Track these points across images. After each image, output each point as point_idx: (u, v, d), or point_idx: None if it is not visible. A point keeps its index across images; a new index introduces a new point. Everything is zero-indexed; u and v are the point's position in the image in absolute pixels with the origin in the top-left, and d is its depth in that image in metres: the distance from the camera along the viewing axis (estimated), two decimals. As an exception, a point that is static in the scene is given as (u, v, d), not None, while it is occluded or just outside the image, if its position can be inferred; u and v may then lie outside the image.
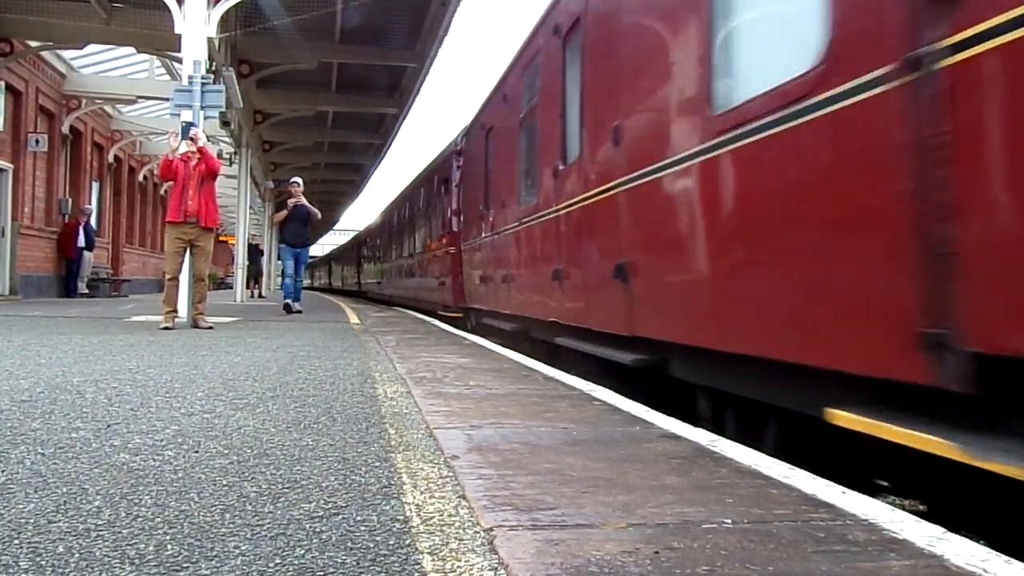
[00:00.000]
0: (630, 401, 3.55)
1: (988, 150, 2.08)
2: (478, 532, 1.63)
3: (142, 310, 10.78)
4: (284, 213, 11.71)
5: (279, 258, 12.75)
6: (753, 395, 3.28)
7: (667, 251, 4.09)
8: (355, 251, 33.04)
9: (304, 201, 11.60)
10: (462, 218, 11.46)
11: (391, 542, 1.56)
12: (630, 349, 4.48)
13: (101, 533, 1.57)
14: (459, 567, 1.43)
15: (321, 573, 1.39)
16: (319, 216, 12.01)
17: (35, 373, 3.97)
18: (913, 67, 2.22)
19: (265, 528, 1.63)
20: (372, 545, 1.54)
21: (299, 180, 11.86)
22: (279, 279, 32.19)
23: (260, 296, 20.72)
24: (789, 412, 3.03)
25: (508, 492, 1.92)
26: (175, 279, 7.88)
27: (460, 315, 11.44)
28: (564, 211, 5.87)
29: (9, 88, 14.00)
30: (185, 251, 7.91)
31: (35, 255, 15.17)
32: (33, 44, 13.97)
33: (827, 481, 2.11)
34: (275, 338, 6.79)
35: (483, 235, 9.53)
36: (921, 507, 2.79)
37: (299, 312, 11.31)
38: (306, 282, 30.61)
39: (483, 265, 9.67)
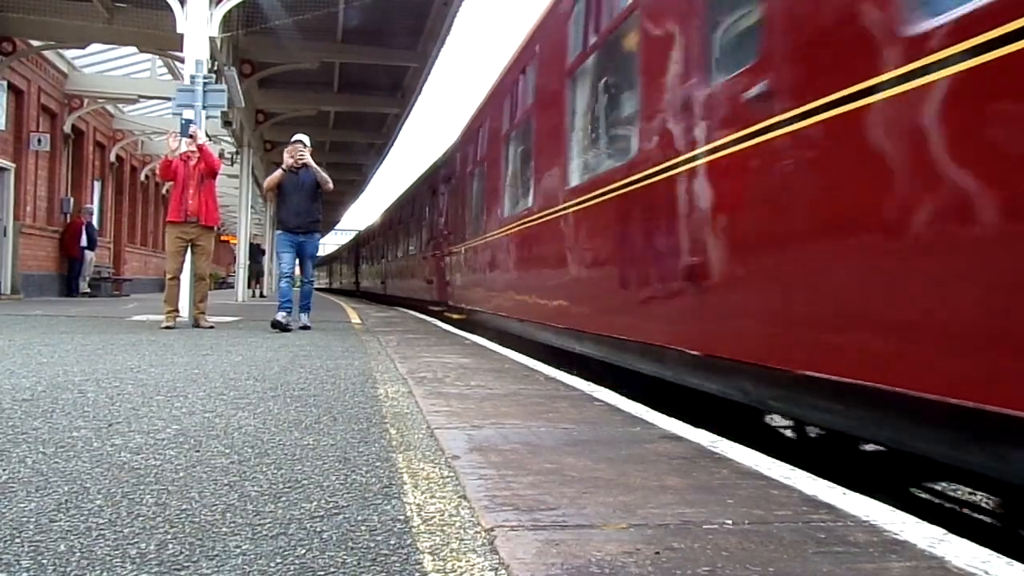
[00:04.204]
0: (631, 401, 3.55)
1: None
2: (479, 532, 1.63)
3: (144, 309, 10.78)
4: (278, 176, 7.86)
5: (278, 252, 8.15)
6: None
7: None
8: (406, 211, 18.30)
9: (312, 163, 7.92)
10: None
11: (392, 542, 1.56)
12: None
13: (102, 532, 1.58)
14: (460, 567, 1.43)
15: (322, 573, 1.39)
16: (331, 186, 8.14)
17: (37, 372, 3.97)
18: None
19: (266, 527, 1.63)
20: (373, 545, 1.54)
21: (304, 139, 8.06)
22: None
23: (261, 295, 20.74)
24: None
25: (509, 492, 1.92)
26: (176, 278, 7.89)
27: None
28: None
29: (11, 87, 14.00)
30: (186, 250, 7.92)
31: (37, 254, 15.18)
32: (35, 43, 13.99)
33: (828, 482, 2.11)
34: (276, 337, 6.79)
35: None
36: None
37: (305, 328, 7.75)
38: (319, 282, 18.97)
39: None
